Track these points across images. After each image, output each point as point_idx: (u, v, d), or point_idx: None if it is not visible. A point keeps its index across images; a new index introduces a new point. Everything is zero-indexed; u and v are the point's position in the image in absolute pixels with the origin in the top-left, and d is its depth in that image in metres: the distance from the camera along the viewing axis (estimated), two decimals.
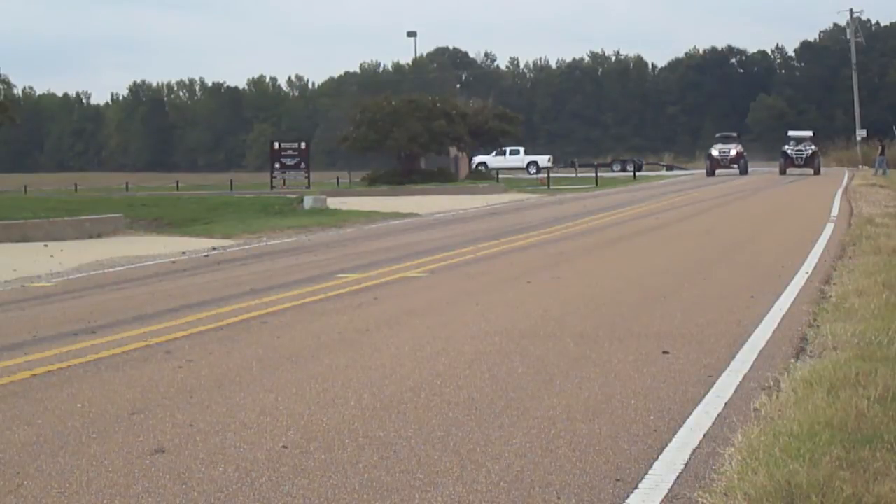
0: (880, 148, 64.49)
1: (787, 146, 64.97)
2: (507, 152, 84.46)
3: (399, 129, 61.91)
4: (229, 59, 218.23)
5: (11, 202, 42.42)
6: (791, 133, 68.95)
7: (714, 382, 8.20)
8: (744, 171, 67.19)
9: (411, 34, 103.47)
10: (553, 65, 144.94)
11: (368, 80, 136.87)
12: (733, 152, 68.20)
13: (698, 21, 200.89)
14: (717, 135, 74.94)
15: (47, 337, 10.88)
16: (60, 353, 9.85)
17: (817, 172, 62.13)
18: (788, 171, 63.41)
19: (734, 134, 74.63)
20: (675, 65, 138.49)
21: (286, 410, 7.55)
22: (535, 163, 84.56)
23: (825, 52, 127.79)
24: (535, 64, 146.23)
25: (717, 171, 67.90)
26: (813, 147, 64.34)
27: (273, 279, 15.92)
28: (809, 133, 68.20)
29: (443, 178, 62.21)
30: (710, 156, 69.83)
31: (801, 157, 63.46)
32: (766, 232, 22.95)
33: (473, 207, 37.44)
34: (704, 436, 6.69)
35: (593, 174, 68.51)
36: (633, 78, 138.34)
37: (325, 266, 17.82)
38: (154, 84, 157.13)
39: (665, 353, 9.39)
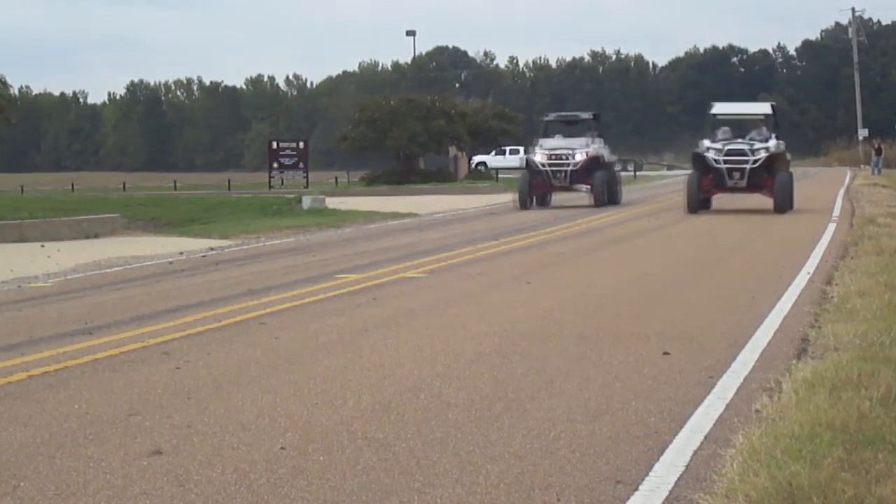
0: (874, 150, 63.97)
1: (707, 142, 29.58)
2: (507, 152, 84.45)
3: (398, 129, 61.89)
4: (227, 59, 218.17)
5: (8, 202, 42.36)
6: (717, 109, 31.39)
7: (715, 384, 8.16)
8: (606, 199, 33.80)
9: (410, 33, 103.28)
10: (553, 64, 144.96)
11: (367, 80, 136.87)
12: (579, 156, 33.86)
13: (699, 20, 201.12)
14: (550, 116, 38.79)
15: (44, 338, 10.83)
16: (57, 354, 9.80)
17: (782, 205, 28.25)
18: (716, 195, 30.13)
19: (586, 115, 38.11)
20: (675, 64, 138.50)
21: (284, 411, 7.51)
22: None
23: (827, 50, 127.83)
24: (534, 63, 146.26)
25: (545, 198, 35.41)
26: (770, 145, 29.08)
27: (271, 279, 15.88)
28: (765, 108, 32.32)
29: (442, 178, 62.21)
30: (528, 163, 35.85)
31: (741, 171, 28.58)
32: (766, 232, 22.90)
33: (473, 207, 37.40)
34: (705, 437, 6.66)
35: None
36: (633, 77, 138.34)
37: (323, 266, 17.78)
38: (151, 83, 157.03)
39: (666, 353, 9.35)
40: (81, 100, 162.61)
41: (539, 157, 34.59)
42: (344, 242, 23.18)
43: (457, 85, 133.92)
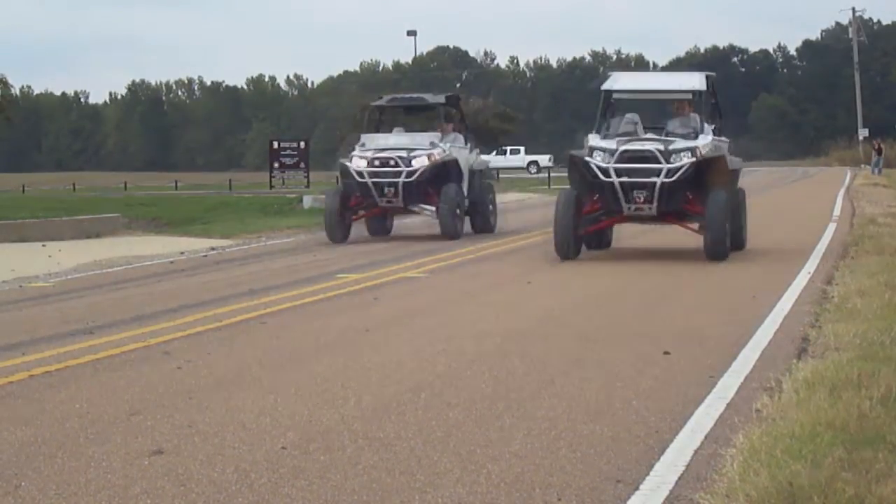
0: (875, 150, 63.77)
1: (595, 137, 17.13)
2: (508, 152, 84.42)
3: None
4: (228, 59, 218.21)
5: (9, 202, 42.38)
6: (614, 82, 18.85)
7: (715, 383, 8.16)
8: (461, 227, 22.39)
9: (411, 33, 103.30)
10: (553, 64, 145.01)
11: (368, 79, 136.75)
12: (418, 162, 21.89)
13: (699, 20, 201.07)
14: (382, 100, 24.54)
15: (45, 337, 10.83)
16: (58, 354, 9.80)
17: (716, 246, 16.47)
18: (598, 232, 18.05)
19: (436, 99, 24.30)
20: (675, 64, 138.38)
21: (285, 411, 7.51)
22: (535, 162, 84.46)
23: (827, 51, 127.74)
24: (535, 63, 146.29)
25: (382, 222, 23.90)
26: (699, 143, 16.71)
27: (272, 279, 15.88)
28: (694, 81, 18.07)
29: None
30: (343, 172, 23.03)
31: (647, 188, 16.44)
32: (765, 232, 22.87)
33: None
34: (706, 437, 6.66)
35: None
36: None
37: (324, 266, 17.78)
38: (153, 83, 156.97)
39: (666, 353, 9.35)
40: (83, 99, 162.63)
41: (358, 162, 22.33)
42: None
43: (457, 85, 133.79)
